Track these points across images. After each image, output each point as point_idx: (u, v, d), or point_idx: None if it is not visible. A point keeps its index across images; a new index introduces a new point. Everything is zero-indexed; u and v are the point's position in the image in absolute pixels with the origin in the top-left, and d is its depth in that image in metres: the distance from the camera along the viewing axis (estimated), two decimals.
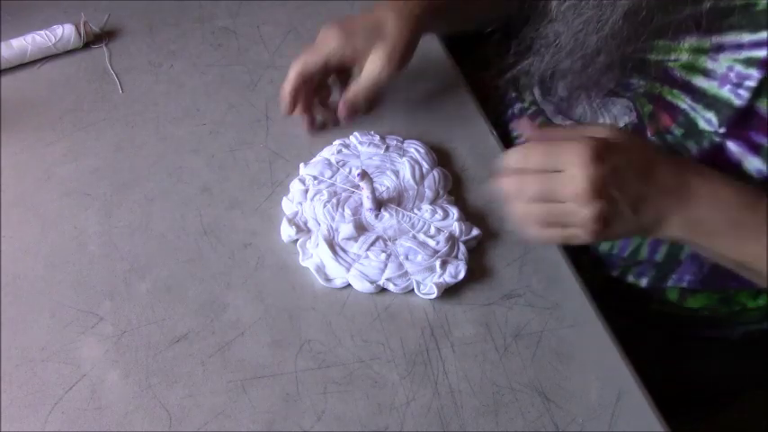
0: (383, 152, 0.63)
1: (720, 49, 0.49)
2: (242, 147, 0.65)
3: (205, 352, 0.51)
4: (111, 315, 0.53)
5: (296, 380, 0.50)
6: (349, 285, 0.55)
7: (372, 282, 0.54)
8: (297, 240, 0.57)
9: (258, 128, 0.67)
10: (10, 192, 0.61)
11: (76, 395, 0.49)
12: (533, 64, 0.57)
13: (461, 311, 0.54)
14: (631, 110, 0.57)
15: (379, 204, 0.58)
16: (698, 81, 0.51)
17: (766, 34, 0.47)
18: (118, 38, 0.76)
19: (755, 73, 0.47)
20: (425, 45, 0.65)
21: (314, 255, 0.56)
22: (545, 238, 0.50)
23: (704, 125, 0.51)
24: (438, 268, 0.54)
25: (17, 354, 0.51)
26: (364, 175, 0.55)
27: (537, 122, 0.67)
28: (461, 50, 0.76)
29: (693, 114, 0.52)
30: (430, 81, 0.71)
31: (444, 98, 0.71)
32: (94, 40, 0.75)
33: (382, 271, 0.54)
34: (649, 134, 0.56)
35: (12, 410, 0.48)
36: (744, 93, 0.48)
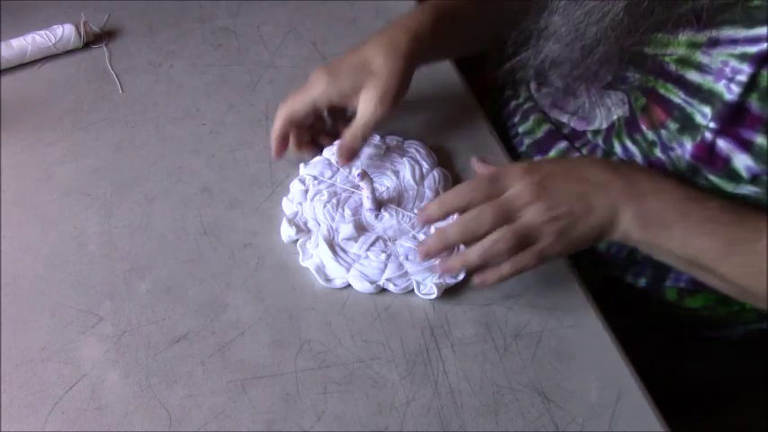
0: (383, 152, 0.63)
1: (715, 44, 0.49)
2: (242, 147, 0.65)
3: (205, 352, 0.51)
4: (111, 315, 0.53)
5: (296, 380, 0.50)
6: (349, 285, 0.55)
7: (372, 282, 0.54)
8: (297, 240, 0.57)
9: (258, 128, 0.67)
10: (10, 192, 0.61)
11: (76, 395, 0.49)
12: (533, 54, 0.57)
13: (461, 311, 0.54)
14: (624, 102, 0.58)
15: (379, 204, 0.58)
16: (691, 75, 0.51)
17: (762, 30, 0.47)
18: (118, 38, 0.76)
19: (747, 68, 0.47)
20: None
21: (314, 255, 0.56)
22: (521, 265, 0.50)
23: (701, 120, 0.51)
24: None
25: (17, 354, 0.51)
26: (364, 176, 0.55)
27: (532, 119, 0.67)
28: None
29: (690, 109, 0.52)
30: (430, 82, 0.71)
31: (444, 99, 0.71)
32: (94, 40, 0.75)
33: (382, 271, 0.54)
34: (644, 128, 0.56)
35: (12, 410, 0.48)
36: (735, 88, 0.48)
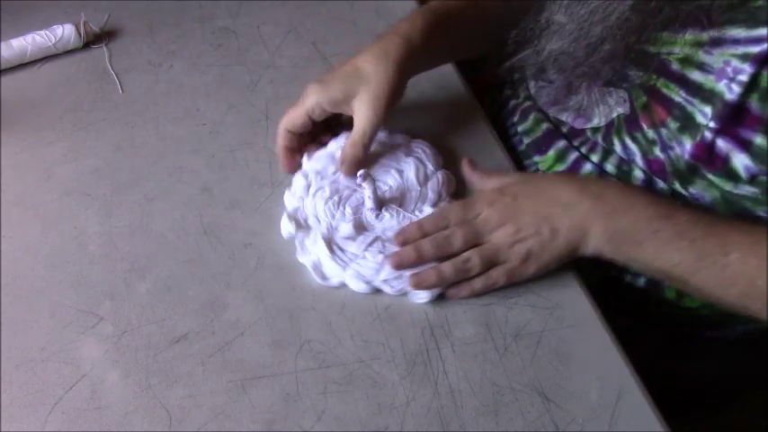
0: (389, 150, 0.62)
1: (718, 44, 0.49)
2: (242, 147, 0.65)
3: (205, 352, 0.51)
4: (111, 315, 0.53)
5: (296, 380, 0.50)
6: (346, 285, 0.55)
7: (368, 282, 0.54)
8: (296, 236, 0.57)
9: (258, 128, 0.67)
10: (10, 192, 0.61)
11: (76, 395, 0.49)
12: (535, 53, 0.57)
13: (461, 311, 0.54)
14: (625, 100, 0.58)
15: (380, 204, 0.58)
16: (693, 74, 0.51)
17: (764, 30, 0.47)
18: (118, 38, 0.76)
19: (748, 68, 0.47)
20: None
21: (311, 252, 0.56)
22: (492, 282, 0.53)
23: (701, 119, 0.51)
24: None
25: (17, 354, 0.51)
26: (366, 177, 0.55)
27: (531, 118, 0.67)
28: None
29: (691, 108, 0.52)
30: (430, 82, 0.71)
31: (444, 99, 0.71)
32: (94, 40, 0.75)
33: (378, 272, 0.54)
34: (644, 126, 0.56)
35: (12, 410, 0.48)
36: (736, 88, 0.48)
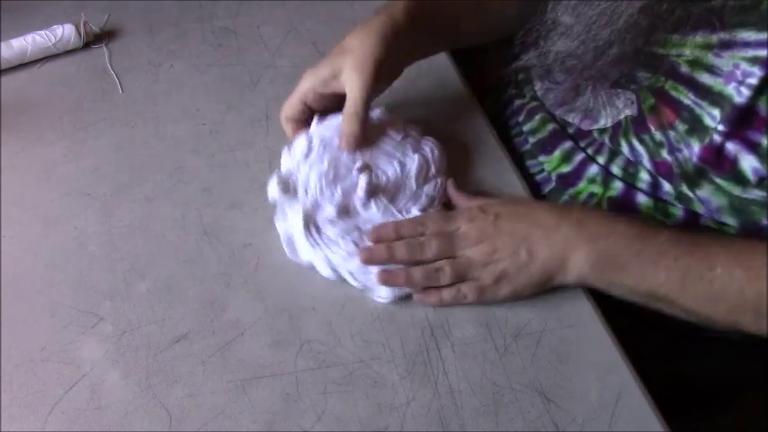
0: (399, 140, 0.61)
1: (727, 47, 0.49)
2: (242, 147, 0.65)
3: (205, 352, 0.51)
4: (111, 315, 0.53)
5: (296, 380, 0.50)
6: (344, 281, 0.54)
7: (335, 270, 0.54)
8: (279, 201, 0.56)
9: (258, 128, 0.67)
10: (10, 192, 0.61)
11: (76, 395, 0.49)
12: (541, 54, 0.56)
13: (461, 311, 0.54)
14: (633, 102, 0.57)
15: (371, 193, 0.57)
16: (702, 77, 0.51)
17: None
18: (118, 38, 0.76)
19: (757, 71, 0.47)
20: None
21: (289, 222, 0.55)
22: (460, 295, 0.53)
23: (710, 122, 0.51)
24: None
25: (17, 354, 0.51)
26: (364, 168, 0.54)
27: (537, 118, 0.67)
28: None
29: (699, 111, 0.52)
30: (429, 81, 0.71)
31: (444, 99, 0.71)
32: (94, 40, 0.75)
33: (347, 262, 0.54)
34: (652, 128, 0.56)
35: (12, 410, 0.48)
36: (745, 90, 0.48)
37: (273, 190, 0.56)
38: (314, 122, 0.60)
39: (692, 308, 0.50)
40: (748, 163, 0.50)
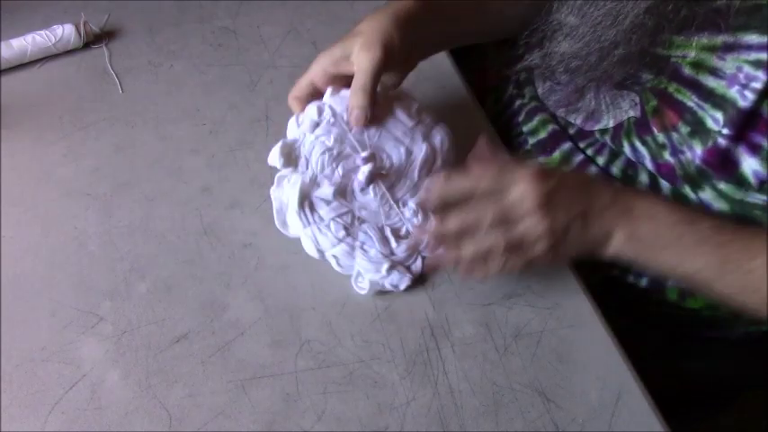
0: (410, 126, 0.59)
1: (731, 49, 0.49)
2: (242, 147, 0.65)
3: (205, 352, 0.51)
4: (111, 315, 0.53)
5: (296, 380, 0.50)
6: (348, 277, 0.54)
7: (321, 251, 0.54)
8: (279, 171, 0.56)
9: (258, 128, 0.67)
10: (10, 192, 0.61)
11: (76, 395, 0.49)
12: (545, 55, 0.56)
13: (461, 311, 0.54)
14: (636, 103, 0.57)
15: (371, 179, 0.56)
16: (705, 79, 0.51)
17: None
18: (118, 38, 0.76)
19: (762, 75, 0.47)
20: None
21: (284, 195, 0.55)
22: (509, 268, 0.50)
23: (712, 124, 0.51)
24: (384, 270, 0.53)
25: (17, 354, 0.51)
26: (369, 159, 0.54)
27: (537, 119, 0.67)
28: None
29: (701, 113, 0.52)
30: (430, 82, 0.71)
31: (444, 99, 0.71)
32: (94, 40, 0.75)
33: (333, 246, 0.54)
34: (654, 130, 0.56)
35: (12, 410, 0.48)
36: (749, 94, 0.48)
37: (275, 157, 0.55)
38: (327, 92, 0.58)
39: (728, 295, 0.50)
40: (749, 165, 0.50)
